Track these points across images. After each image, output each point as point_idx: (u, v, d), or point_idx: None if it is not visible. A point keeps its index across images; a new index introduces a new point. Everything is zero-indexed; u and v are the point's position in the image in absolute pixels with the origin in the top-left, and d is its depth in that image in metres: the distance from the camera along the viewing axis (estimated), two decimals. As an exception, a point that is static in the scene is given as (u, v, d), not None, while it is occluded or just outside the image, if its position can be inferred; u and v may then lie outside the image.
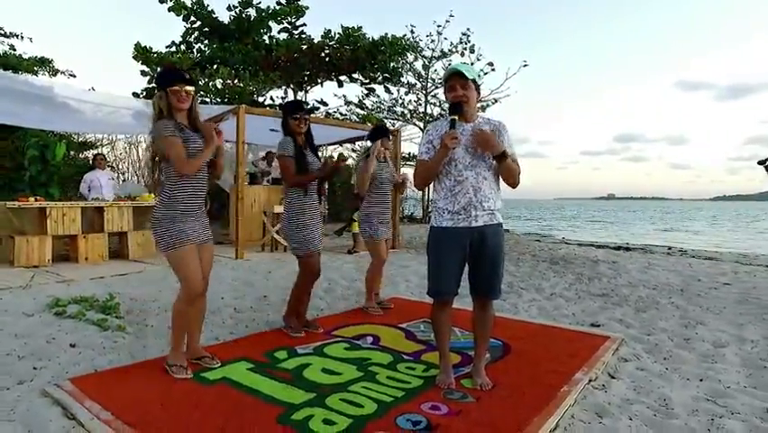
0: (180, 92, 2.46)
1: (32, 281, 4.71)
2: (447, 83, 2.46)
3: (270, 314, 3.96)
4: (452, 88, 2.42)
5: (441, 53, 16.28)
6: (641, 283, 5.61)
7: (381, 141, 4.02)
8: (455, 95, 2.41)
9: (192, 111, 2.57)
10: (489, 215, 2.45)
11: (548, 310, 4.31)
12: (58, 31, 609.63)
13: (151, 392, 2.32)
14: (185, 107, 2.52)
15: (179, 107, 2.49)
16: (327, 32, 11.79)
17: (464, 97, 2.41)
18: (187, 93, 2.49)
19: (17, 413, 2.16)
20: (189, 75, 2.55)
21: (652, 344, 3.37)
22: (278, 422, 2.05)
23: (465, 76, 2.40)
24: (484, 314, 2.59)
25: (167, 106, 2.48)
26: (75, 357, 2.85)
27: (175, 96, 2.46)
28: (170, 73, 2.52)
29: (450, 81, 2.44)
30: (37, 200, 5.78)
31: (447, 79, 2.46)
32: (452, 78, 2.42)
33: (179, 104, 2.48)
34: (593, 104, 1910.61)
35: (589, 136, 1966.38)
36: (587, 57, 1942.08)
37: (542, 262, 7.10)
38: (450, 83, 2.44)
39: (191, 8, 10.61)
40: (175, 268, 2.51)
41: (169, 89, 2.46)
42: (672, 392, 2.56)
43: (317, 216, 3.34)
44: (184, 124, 2.53)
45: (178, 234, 2.47)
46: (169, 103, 2.48)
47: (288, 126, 3.25)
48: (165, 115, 2.48)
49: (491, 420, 2.12)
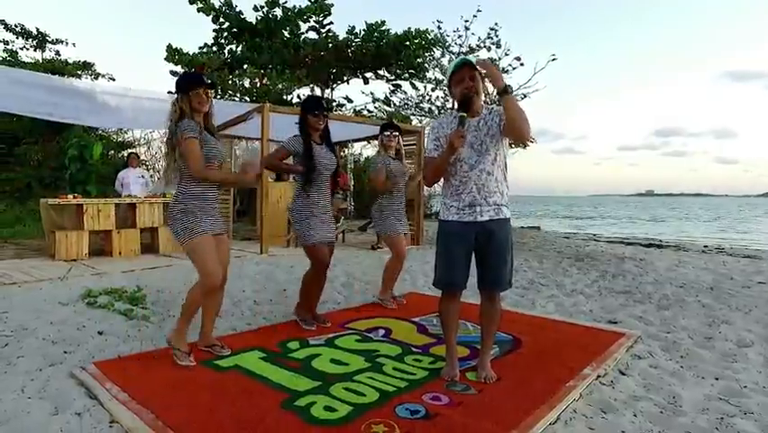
0: (201, 95, 2.58)
1: (68, 274, 5.00)
2: (455, 75, 2.43)
3: (288, 307, 4.06)
4: (462, 80, 2.40)
5: (468, 49, 16.13)
6: (668, 281, 5.45)
7: (382, 136, 4.05)
8: (466, 86, 2.38)
9: (209, 113, 2.69)
10: (495, 209, 2.46)
11: (566, 307, 4.26)
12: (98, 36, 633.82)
13: (166, 377, 2.45)
14: (205, 110, 2.64)
15: (200, 110, 2.61)
16: (351, 28, 11.89)
17: (474, 89, 2.41)
18: (207, 96, 2.61)
19: (47, 392, 2.33)
20: (210, 79, 2.67)
21: (669, 341, 3.29)
22: (281, 407, 2.14)
23: (473, 66, 2.40)
24: (491, 307, 2.60)
25: (189, 109, 2.60)
26: (101, 344, 3.03)
27: (196, 98, 2.58)
28: (192, 77, 2.65)
29: (459, 73, 2.41)
30: (75, 198, 6.12)
31: (455, 71, 2.43)
32: (462, 70, 2.40)
33: (200, 106, 2.60)
34: (631, 98, 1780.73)
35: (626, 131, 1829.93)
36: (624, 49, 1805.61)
37: (566, 258, 6.98)
38: (459, 75, 2.41)
39: (219, 9, 10.91)
40: (193, 258, 2.62)
41: (192, 92, 2.58)
42: (684, 390, 2.51)
43: (324, 210, 3.37)
44: (201, 126, 2.64)
45: (195, 226, 2.58)
46: (191, 105, 2.59)
47: (307, 122, 3.30)
48: (186, 116, 2.59)
49: (491, 412, 2.14)
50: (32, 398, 2.27)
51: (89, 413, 2.11)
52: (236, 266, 5.69)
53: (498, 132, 2.43)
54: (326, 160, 3.34)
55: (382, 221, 4.09)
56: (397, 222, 4.08)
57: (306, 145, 3.26)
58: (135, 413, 2.04)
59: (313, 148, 3.28)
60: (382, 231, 4.17)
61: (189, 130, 2.53)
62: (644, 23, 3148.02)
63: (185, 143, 2.52)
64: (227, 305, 4.09)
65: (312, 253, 3.34)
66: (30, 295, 4.18)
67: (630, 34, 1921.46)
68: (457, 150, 2.36)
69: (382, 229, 4.15)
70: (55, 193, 7.15)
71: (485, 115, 2.47)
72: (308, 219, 3.29)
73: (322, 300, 4.39)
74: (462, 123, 2.33)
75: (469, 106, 2.38)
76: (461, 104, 2.40)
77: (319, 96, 3.68)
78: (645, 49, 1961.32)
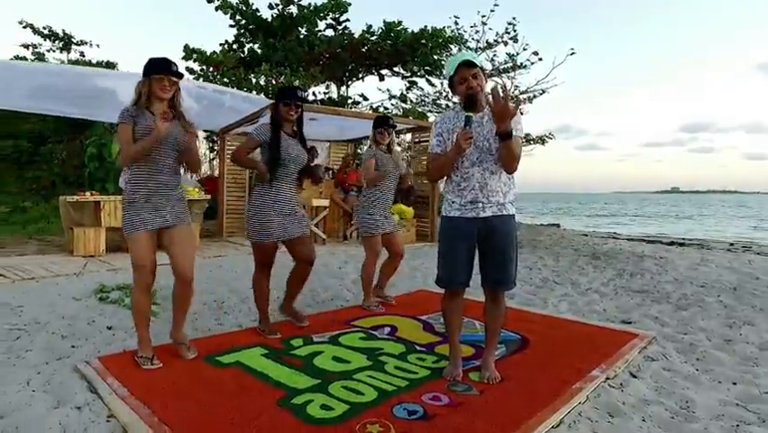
0: (163, 81, 2.50)
1: (84, 269, 5.10)
2: (456, 76, 2.36)
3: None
4: (464, 80, 2.34)
5: (486, 44, 15.92)
6: (688, 280, 5.27)
7: (375, 132, 3.92)
8: (469, 86, 2.32)
9: (174, 101, 2.60)
10: (498, 206, 2.39)
11: (579, 306, 4.15)
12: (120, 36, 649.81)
13: (167, 373, 2.46)
14: (165, 96, 2.53)
15: (160, 96, 2.52)
16: (369, 27, 11.85)
17: (478, 87, 2.34)
18: (171, 83, 2.53)
19: (51, 385, 2.37)
20: (176, 68, 2.56)
21: (686, 343, 3.17)
22: (277, 405, 2.12)
23: (474, 63, 2.34)
24: (495, 306, 2.54)
25: (146, 93, 2.53)
26: (109, 338, 3.07)
27: (158, 84, 2.50)
28: (158, 62, 2.53)
29: (459, 73, 2.34)
30: (92, 195, 6.23)
31: (456, 72, 2.35)
32: (461, 69, 2.33)
33: (160, 92, 2.51)
34: (657, 93, 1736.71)
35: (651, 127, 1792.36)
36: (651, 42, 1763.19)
37: (582, 256, 6.82)
38: (460, 75, 2.34)
39: (236, 7, 10.99)
40: (130, 252, 2.57)
41: (153, 77, 2.50)
42: (698, 395, 2.41)
43: (288, 204, 3.12)
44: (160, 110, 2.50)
45: (132, 220, 2.52)
46: (150, 90, 2.52)
47: (278, 112, 3.13)
48: (140, 102, 2.52)
49: (491, 413, 2.08)
50: (36, 391, 2.30)
51: (89, 407, 2.12)
52: (246, 262, 5.71)
53: None
54: (295, 152, 3.12)
55: (369, 217, 3.86)
56: (381, 219, 3.88)
57: (273, 134, 3.07)
58: (133, 408, 2.05)
59: (281, 138, 3.08)
60: (360, 227, 3.95)
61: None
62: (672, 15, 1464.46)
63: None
64: (234, 301, 4.11)
65: (255, 251, 3.18)
66: (46, 290, 4.27)
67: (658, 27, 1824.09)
68: (464, 151, 2.30)
69: (360, 225, 3.94)
70: (76, 190, 7.31)
71: (489, 111, 2.40)
72: (265, 214, 3.06)
73: (330, 297, 4.40)
74: (468, 123, 2.27)
75: (474, 106, 2.32)
76: (466, 103, 2.32)
77: (296, 86, 3.44)
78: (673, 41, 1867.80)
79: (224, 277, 4.97)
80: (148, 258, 2.57)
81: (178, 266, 2.67)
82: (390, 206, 4.03)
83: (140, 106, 2.54)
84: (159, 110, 2.51)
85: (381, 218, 3.90)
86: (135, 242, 2.54)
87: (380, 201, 3.92)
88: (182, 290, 2.74)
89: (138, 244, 2.54)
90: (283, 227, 3.09)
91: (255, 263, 3.25)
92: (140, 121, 2.50)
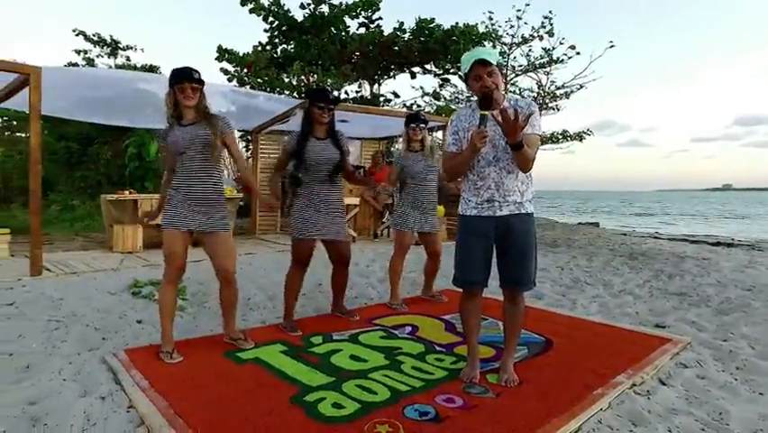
0: (186, 89, 2.60)
1: (121, 265, 5.32)
2: (471, 72, 2.30)
3: (321, 302, 4.09)
4: (479, 78, 2.27)
5: (521, 39, 15.56)
6: (733, 283, 4.97)
7: (408, 129, 3.88)
8: (483, 84, 2.26)
9: (199, 106, 2.68)
10: (516, 205, 2.33)
11: (610, 308, 3.99)
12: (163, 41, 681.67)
13: (188, 366, 2.53)
14: (190, 104, 2.65)
15: (185, 104, 2.64)
16: (400, 25, 11.79)
17: (493, 85, 2.28)
18: (193, 90, 2.63)
19: (81, 375, 2.48)
20: (197, 75, 2.66)
21: (725, 350, 2.98)
22: (290, 402, 2.14)
23: (489, 62, 2.27)
24: (513, 307, 2.47)
25: (173, 103, 2.66)
26: (138, 332, 3.18)
27: (182, 93, 2.61)
28: (179, 72, 2.63)
29: (474, 71, 2.28)
30: (130, 193, 6.50)
31: (471, 69, 2.30)
32: (476, 68, 2.27)
33: (185, 100, 2.63)
34: (709, 84, 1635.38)
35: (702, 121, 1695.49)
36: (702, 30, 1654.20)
37: (618, 256, 6.56)
38: (475, 72, 2.28)
39: (269, 8, 11.18)
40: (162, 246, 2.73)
41: (177, 87, 2.62)
42: (734, 406, 2.26)
43: (325, 204, 3.22)
44: (189, 119, 2.67)
45: (167, 216, 2.69)
46: (175, 99, 2.64)
47: (311, 114, 3.18)
48: (172, 112, 2.68)
49: (505, 417, 2.03)
50: (66, 380, 2.42)
51: (112, 397, 2.21)
52: (276, 260, 5.82)
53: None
54: (324, 153, 3.17)
55: (400, 215, 3.94)
56: (413, 216, 3.87)
57: (299, 141, 3.15)
58: (151, 400, 2.11)
59: (308, 142, 3.15)
60: (392, 223, 4.03)
61: (160, 138, 2.73)
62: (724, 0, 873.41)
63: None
64: (261, 298, 4.19)
65: (293, 248, 3.28)
66: (85, 284, 4.48)
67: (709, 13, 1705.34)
68: (479, 150, 2.24)
69: (393, 221, 4.04)
70: (117, 189, 7.64)
71: (507, 109, 2.33)
72: (302, 213, 3.19)
73: (354, 295, 4.41)
74: (484, 121, 2.21)
75: (490, 104, 2.25)
76: (481, 102, 2.26)
77: (325, 89, 3.47)
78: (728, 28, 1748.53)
79: (253, 274, 5.08)
80: (178, 253, 2.68)
81: (221, 267, 2.79)
82: (427, 205, 3.95)
83: (170, 120, 2.71)
84: (188, 116, 2.67)
85: (413, 216, 3.89)
86: (166, 236, 2.69)
87: (409, 199, 3.91)
88: (228, 291, 2.86)
89: (168, 241, 2.68)
90: (320, 227, 3.21)
91: (291, 260, 3.35)
92: (169, 136, 2.70)
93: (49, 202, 11.13)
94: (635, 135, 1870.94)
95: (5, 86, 5.38)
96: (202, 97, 2.69)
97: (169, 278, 2.71)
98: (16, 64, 5.13)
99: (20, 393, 2.25)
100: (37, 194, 4.78)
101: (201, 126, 2.65)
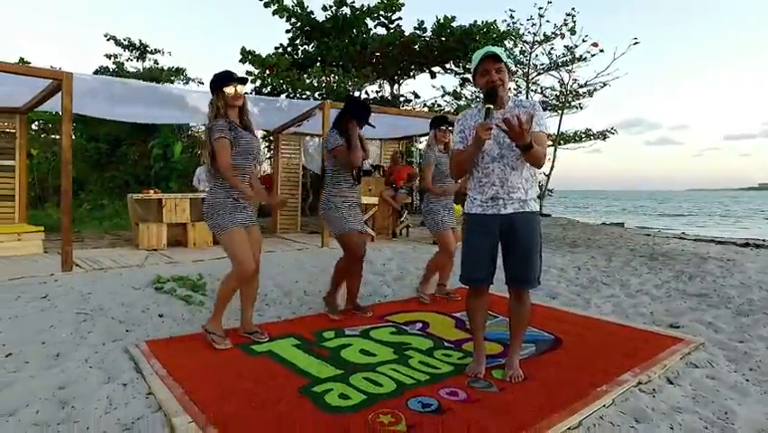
0: (234, 88, 2.73)
1: (146, 261, 5.53)
2: (479, 67, 2.37)
3: (338, 297, 4.18)
4: (486, 72, 2.34)
5: (543, 37, 15.38)
6: (757, 284, 4.85)
7: (436, 131, 4.00)
8: (490, 79, 2.33)
9: (243, 109, 2.83)
10: (520, 203, 2.37)
11: (624, 308, 3.96)
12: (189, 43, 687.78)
13: (204, 358, 2.65)
14: (238, 104, 2.78)
15: (233, 104, 2.76)
16: (420, 24, 11.85)
17: (499, 81, 2.33)
18: (240, 91, 2.76)
19: (105, 363, 2.64)
20: (241, 77, 2.80)
21: (740, 351, 2.94)
22: (298, 392, 2.23)
23: (499, 58, 2.33)
24: (519, 304, 2.50)
25: (223, 105, 2.76)
26: (159, 325, 3.34)
27: (231, 95, 2.74)
28: (222, 75, 2.77)
29: (483, 65, 2.35)
30: (155, 192, 6.74)
31: (479, 63, 2.37)
32: (486, 62, 2.34)
33: (233, 101, 2.75)
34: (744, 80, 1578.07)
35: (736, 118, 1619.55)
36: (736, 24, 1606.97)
37: (638, 256, 6.46)
38: (483, 67, 2.35)
39: (291, 10, 11.39)
40: (226, 249, 2.80)
41: (225, 88, 2.74)
42: (741, 407, 2.25)
43: (357, 204, 3.53)
44: (236, 122, 2.80)
45: (228, 219, 2.76)
46: (225, 102, 2.76)
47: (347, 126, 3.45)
48: (220, 114, 2.76)
49: (506, 411, 2.07)
50: (92, 367, 2.57)
51: (132, 384, 2.34)
52: (295, 258, 5.95)
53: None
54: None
55: (430, 216, 4.06)
56: (446, 216, 4.02)
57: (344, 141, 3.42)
58: (168, 387, 2.23)
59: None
60: (429, 226, 4.16)
61: (218, 130, 2.69)
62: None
63: (216, 143, 2.69)
64: (277, 294, 4.31)
65: (350, 242, 3.46)
66: (112, 279, 4.69)
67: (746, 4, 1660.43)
68: (483, 143, 2.29)
69: (429, 224, 4.14)
70: (142, 188, 7.91)
71: (511, 108, 2.38)
72: (347, 208, 3.45)
73: (368, 293, 4.49)
74: (488, 114, 2.26)
75: (494, 98, 2.31)
76: (486, 96, 2.32)
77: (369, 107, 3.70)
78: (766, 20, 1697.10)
79: (271, 271, 5.20)
80: (250, 252, 2.81)
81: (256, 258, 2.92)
82: (451, 204, 4.13)
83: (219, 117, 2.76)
84: (232, 116, 2.78)
85: (444, 216, 4.03)
86: (234, 238, 2.77)
87: (442, 200, 4.04)
88: (255, 283, 3.01)
89: (237, 239, 2.77)
90: (359, 219, 3.52)
91: (348, 255, 3.54)
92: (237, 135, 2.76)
93: (80, 201, 11.58)
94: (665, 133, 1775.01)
95: (41, 90, 5.66)
96: (245, 101, 2.84)
97: (243, 278, 2.82)
98: (50, 70, 5.41)
99: (51, 379, 2.41)
100: (68, 193, 5.02)
101: (255, 137, 2.84)
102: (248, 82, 2.85)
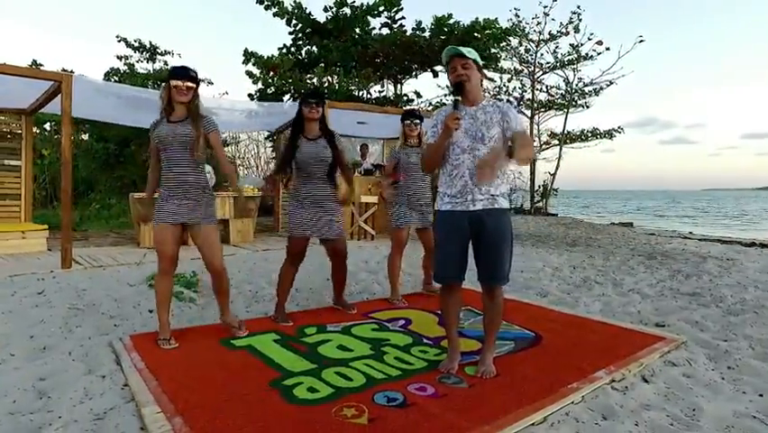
0: (180, 87, 2.76)
1: (144, 259, 5.63)
2: (448, 65, 2.49)
3: (326, 296, 4.22)
4: (453, 69, 2.45)
5: (549, 36, 15.30)
6: (754, 284, 4.79)
7: (403, 125, 3.99)
8: (456, 74, 2.43)
9: (192, 104, 2.82)
10: (489, 199, 2.39)
11: (612, 307, 3.94)
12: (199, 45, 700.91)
13: (183, 352, 2.70)
14: (183, 100, 2.79)
15: (177, 100, 2.79)
16: (418, 24, 11.85)
17: (465, 76, 2.41)
18: (187, 88, 2.78)
19: (88, 356, 2.71)
20: (193, 73, 2.81)
21: (721, 350, 2.92)
22: (269, 385, 2.27)
23: (465, 55, 2.41)
24: (490, 301, 2.52)
25: (167, 97, 2.82)
26: (147, 320, 3.40)
27: (175, 89, 2.77)
28: (175, 70, 2.80)
29: (450, 63, 2.47)
30: (156, 192, 6.83)
31: (447, 62, 2.49)
32: (452, 60, 2.46)
33: (178, 96, 2.78)
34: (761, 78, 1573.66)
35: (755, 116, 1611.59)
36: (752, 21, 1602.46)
37: (637, 256, 6.41)
38: (450, 64, 2.47)
39: (292, 12, 11.46)
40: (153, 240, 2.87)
41: (172, 83, 2.78)
42: (711, 404, 2.24)
43: (312, 203, 3.37)
44: (177, 116, 2.81)
45: (157, 212, 2.85)
46: (169, 95, 2.81)
47: (301, 113, 3.33)
48: (165, 106, 2.84)
49: (471, 406, 2.09)
50: (75, 360, 2.64)
51: (110, 377, 2.40)
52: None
53: (496, 126, 2.41)
54: (312, 152, 3.29)
55: (394, 211, 3.99)
56: (413, 213, 3.94)
57: (294, 138, 3.34)
58: (144, 379, 2.29)
59: (297, 141, 3.31)
60: (388, 220, 4.12)
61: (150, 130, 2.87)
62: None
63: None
64: (268, 292, 4.35)
65: (288, 244, 3.47)
66: (109, 276, 4.79)
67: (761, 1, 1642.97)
68: (452, 132, 2.35)
69: (389, 218, 4.09)
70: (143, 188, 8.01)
71: (485, 106, 2.47)
72: (293, 210, 3.40)
73: (358, 291, 4.53)
74: (456, 106, 2.38)
75: (462, 92, 2.41)
76: (454, 89, 2.43)
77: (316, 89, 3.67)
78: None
79: (266, 269, 5.26)
80: (167, 246, 2.83)
81: (206, 259, 2.97)
82: (422, 201, 4.01)
83: (162, 114, 2.86)
84: (178, 112, 2.81)
85: (408, 212, 3.95)
86: (156, 230, 2.86)
87: (406, 196, 3.96)
88: (214, 280, 3.05)
89: (159, 235, 2.84)
90: (311, 225, 3.38)
91: (286, 254, 3.53)
92: (155, 130, 2.86)
93: (89, 201, 11.79)
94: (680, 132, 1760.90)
95: (43, 92, 5.80)
96: (195, 97, 2.84)
97: (162, 270, 2.88)
98: (50, 72, 5.53)
99: (33, 370, 2.49)
100: (67, 193, 5.14)
101: (185, 125, 2.79)
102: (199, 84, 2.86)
